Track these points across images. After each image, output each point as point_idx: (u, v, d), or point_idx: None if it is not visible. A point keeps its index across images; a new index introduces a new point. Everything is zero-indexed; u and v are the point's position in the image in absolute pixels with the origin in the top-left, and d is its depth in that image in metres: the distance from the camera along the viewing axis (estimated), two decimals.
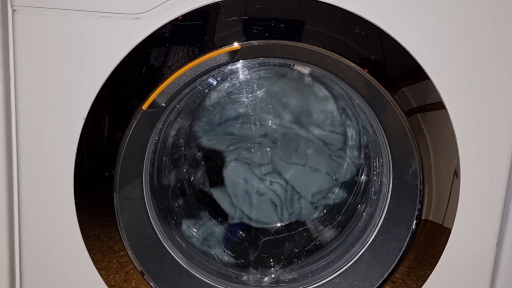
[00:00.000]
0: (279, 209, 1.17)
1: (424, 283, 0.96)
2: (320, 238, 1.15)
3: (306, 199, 1.18)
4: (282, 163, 1.17)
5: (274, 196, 1.17)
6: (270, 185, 1.17)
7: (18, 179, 0.90)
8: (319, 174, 1.17)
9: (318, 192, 1.18)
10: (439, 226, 0.94)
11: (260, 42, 0.85)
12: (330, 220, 1.17)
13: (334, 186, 1.18)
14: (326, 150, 1.17)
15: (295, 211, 1.18)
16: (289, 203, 1.18)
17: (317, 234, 1.16)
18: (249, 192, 1.17)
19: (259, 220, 1.18)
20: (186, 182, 1.17)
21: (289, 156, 1.17)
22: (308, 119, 1.16)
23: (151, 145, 0.98)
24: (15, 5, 0.83)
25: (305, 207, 1.18)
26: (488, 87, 0.88)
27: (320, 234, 1.15)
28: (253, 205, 1.17)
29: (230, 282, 1.05)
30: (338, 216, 1.15)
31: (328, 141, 1.17)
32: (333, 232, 1.13)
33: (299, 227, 1.19)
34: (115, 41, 0.83)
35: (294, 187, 1.17)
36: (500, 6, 0.85)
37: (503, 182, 0.92)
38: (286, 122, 1.16)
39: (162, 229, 1.02)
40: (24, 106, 0.87)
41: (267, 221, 1.18)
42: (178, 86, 0.87)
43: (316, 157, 1.17)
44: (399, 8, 0.84)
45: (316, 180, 1.17)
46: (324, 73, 0.97)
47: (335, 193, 1.18)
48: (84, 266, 0.93)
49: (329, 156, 1.17)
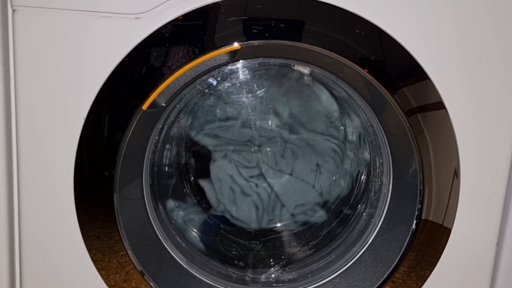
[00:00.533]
0: (260, 213, 1.17)
1: (424, 283, 0.96)
2: (290, 253, 1.14)
3: (288, 210, 1.17)
4: (269, 169, 1.17)
5: (258, 199, 1.17)
6: (256, 187, 1.17)
7: (18, 179, 0.90)
8: (306, 186, 1.17)
9: (301, 204, 1.17)
10: (439, 226, 0.94)
11: (260, 42, 0.85)
12: (304, 238, 1.17)
13: (318, 206, 1.18)
14: (319, 159, 1.16)
15: (275, 218, 1.18)
16: (271, 209, 1.18)
17: (288, 248, 1.15)
18: (234, 190, 1.17)
19: (238, 219, 1.18)
20: (181, 169, 1.17)
21: (277, 162, 1.17)
22: (307, 121, 1.16)
23: (151, 145, 0.98)
24: (15, 5, 0.83)
25: (285, 217, 1.18)
26: (488, 87, 0.88)
27: (290, 249, 1.14)
28: (236, 203, 1.17)
29: (230, 282, 1.05)
30: (315, 239, 1.15)
31: (324, 147, 1.17)
32: (303, 252, 1.13)
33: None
34: (115, 41, 0.83)
35: (278, 195, 1.17)
36: (500, 6, 0.85)
37: (503, 182, 0.92)
38: (281, 125, 1.16)
39: (162, 229, 1.02)
40: (24, 106, 0.87)
41: (247, 221, 1.18)
42: (178, 86, 0.87)
43: (306, 167, 1.16)
44: (399, 8, 0.84)
45: (302, 192, 1.17)
46: (324, 73, 0.97)
47: (317, 213, 1.18)
48: (84, 266, 0.93)
49: (318, 166, 1.17)
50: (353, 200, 1.14)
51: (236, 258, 1.13)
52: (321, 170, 1.17)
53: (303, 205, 1.18)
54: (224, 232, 1.17)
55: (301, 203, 1.18)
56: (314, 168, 1.17)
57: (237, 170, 1.17)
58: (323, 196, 1.18)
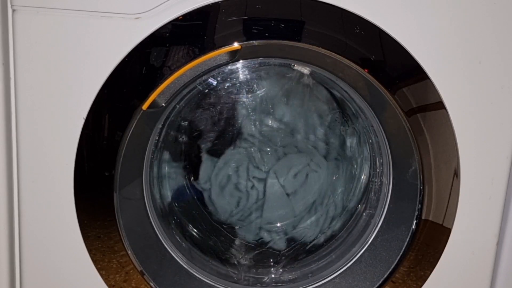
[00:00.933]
0: (236, 211, 1.17)
1: (424, 283, 0.96)
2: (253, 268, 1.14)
3: (260, 223, 1.17)
4: (275, 182, 1.16)
5: (245, 199, 1.17)
6: (250, 188, 1.16)
7: (18, 179, 0.90)
8: (291, 211, 1.17)
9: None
10: (439, 226, 0.94)
11: (260, 42, 0.85)
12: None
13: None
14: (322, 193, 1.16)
15: (244, 221, 1.18)
16: (247, 214, 1.17)
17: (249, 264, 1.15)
18: (230, 178, 1.16)
19: (213, 203, 1.16)
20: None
21: (285, 179, 1.16)
22: (306, 123, 1.16)
23: (151, 145, 0.98)
24: (15, 5, 0.83)
25: (252, 229, 1.18)
26: (488, 87, 0.88)
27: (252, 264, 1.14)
28: (223, 190, 1.16)
29: (230, 282, 1.05)
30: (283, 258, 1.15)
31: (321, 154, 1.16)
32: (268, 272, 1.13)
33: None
34: (115, 41, 0.83)
35: (263, 206, 1.17)
36: (500, 6, 0.85)
37: (503, 182, 0.92)
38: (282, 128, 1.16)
39: (162, 229, 1.02)
40: (24, 106, 0.87)
41: (219, 210, 1.16)
42: (178, 86, 0.87)
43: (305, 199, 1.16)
44: (399, 8, 0.84)
45: (284, 215, 1.17)
46: (324, 73, 0.97)
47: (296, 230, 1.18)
48: (84, 266, 0.93)
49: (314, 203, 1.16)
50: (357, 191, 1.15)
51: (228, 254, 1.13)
52: (317, 209, 1.17)
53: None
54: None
55: (279, 223, 1.17)
56: (310, 204, 1.17)
57: (248, 164, 1.16)
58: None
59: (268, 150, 1.16)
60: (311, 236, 1.16)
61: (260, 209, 1.17)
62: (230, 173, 1.16)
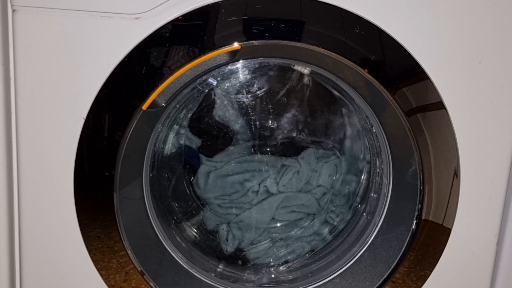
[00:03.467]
0: (228, 198, 1.15)
1: (424, 283, 0.96)
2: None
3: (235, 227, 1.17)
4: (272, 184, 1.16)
5: (243, 194, 1.15)
6: (257, 186, 1.16)
7: (18, 179, 0.90)
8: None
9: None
10: (439, 226, 0.94)
11: (260, 42, 0.85)
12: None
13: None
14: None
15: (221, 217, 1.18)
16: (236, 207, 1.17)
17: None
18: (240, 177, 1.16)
19: (198, 183, 1.15)
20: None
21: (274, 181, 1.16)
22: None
23: (151, 145, 0.98)
24: (15, 5, 0.83)
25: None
26: (488, 87, 0.88)
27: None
28: (225, 179, 1.15)
29: (229, 282, 1.05)
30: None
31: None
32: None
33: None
34: (115, 41, 0.83)
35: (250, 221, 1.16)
36: (500, 6, 0.85)
37: (503, 182, 0.92)
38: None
39: (162, 229, 1.02)
40: (24, 106, 0.87)
41: (202, 188, 1.15)
42: (178, 86, 0.87)
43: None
44: (399, 8, 0.84)
45: (256, 231, 1.16)
46: (324, 73, 0.97)
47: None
48: (84, 266, 0.93)
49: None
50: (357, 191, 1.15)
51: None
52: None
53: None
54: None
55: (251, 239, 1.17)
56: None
57: (264, 165, 1.16)
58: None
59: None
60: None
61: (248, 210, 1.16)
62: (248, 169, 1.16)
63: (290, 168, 1.14)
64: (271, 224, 1.16)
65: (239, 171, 1.15)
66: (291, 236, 1.16)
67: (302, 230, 1.16)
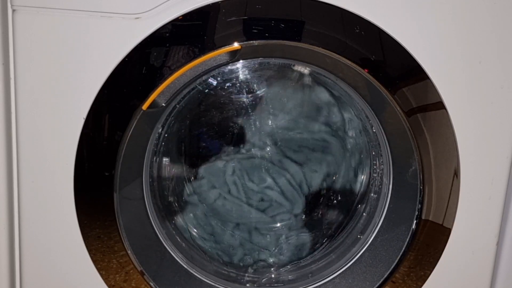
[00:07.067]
0: (223, 194, 1.15)
1: (424, 283, 0.96)
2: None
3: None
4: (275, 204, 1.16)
5: (241, 194, 1.15)
6: (255, 185, 1.15)
7: (18, 179, 0.90)
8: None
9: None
10: (439, 226, 0.94)
11: (260, 42, 0.85)
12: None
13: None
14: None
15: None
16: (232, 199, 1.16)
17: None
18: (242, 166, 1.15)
19: (207, 171, 1.15)
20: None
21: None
22: (306, 123, 1.16)
23: (151, 145, 0.98)
24: (15, 5, 0.83)
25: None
26: (488, 87, 0.88)
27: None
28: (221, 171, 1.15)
29: (230, 282, 1.05)
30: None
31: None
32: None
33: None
34: (115, 41, 0.83)
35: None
36: (500, 6, 0.85)
37: (503, 182, 0.92)
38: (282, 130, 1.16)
39: (162, 229, 1.02)
40: (24, 106, 0.87)
41: (212, 172, 1.15)
42: (178, 86, 0.87)
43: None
44: (399, 8, 0.84)
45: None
46: (324, 73, 0.97)
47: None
48: (84, 266, 0.93)
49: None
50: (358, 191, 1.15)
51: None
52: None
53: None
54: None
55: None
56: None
57: (267, 163, 1.15)
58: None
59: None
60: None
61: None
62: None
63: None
64: (271, 224, 1.16)
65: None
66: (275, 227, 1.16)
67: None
